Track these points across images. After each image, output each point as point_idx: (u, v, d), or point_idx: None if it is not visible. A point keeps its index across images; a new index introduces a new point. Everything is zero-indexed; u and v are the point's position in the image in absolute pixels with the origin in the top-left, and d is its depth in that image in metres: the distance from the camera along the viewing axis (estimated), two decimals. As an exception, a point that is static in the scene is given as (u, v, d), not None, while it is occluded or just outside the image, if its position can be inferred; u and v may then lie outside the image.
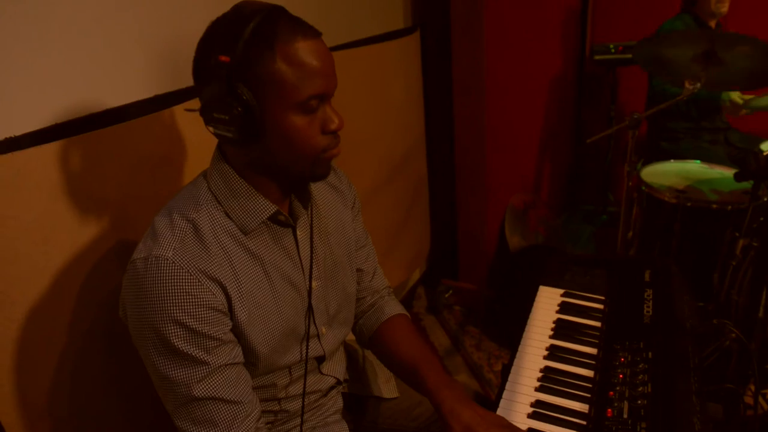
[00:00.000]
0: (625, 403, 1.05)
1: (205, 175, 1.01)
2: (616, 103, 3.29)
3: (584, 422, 1.06)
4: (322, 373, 1.16)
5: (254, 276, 0.98)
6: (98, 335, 1.20)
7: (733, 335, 1.67)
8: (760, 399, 1.78)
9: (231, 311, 0.94)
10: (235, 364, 0.96)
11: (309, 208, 1.08)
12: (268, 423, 1.11)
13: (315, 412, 1.16)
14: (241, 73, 0.86)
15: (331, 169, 1.00)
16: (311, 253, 1.07)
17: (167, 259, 0.88)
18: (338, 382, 1.20)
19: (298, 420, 1.14)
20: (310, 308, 1.07)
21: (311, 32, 0.90)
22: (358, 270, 1.24)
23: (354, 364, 1.31)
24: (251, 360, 1.00)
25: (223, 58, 0.85)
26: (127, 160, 1.21)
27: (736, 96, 2.31)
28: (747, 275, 1.96)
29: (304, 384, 1.09)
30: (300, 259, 1.06)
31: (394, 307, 1.27)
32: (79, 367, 1.17)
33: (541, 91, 3.01)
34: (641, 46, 2.00)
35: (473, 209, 2.71)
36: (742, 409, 1.69)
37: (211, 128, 0.91)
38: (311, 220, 1.08)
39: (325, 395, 1.18)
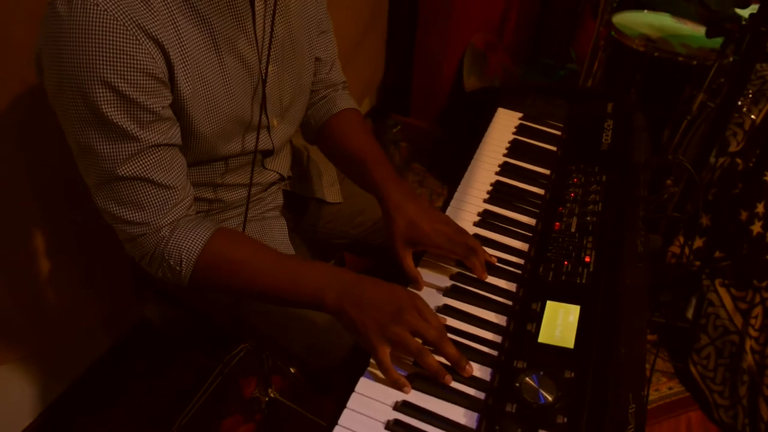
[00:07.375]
0: (575, 218, 1.04)
1: None
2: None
3: (530, 234, 1.05)
4: (264, 168, 1.08)
5: (201, 44, 0.84)
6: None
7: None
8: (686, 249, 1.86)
9: (172, 82, 0.81)
10: (170, 145, 0.85)
11: None
12: (200, 212, 1.03)
13: (253, 205, 1.09)
14: None
15: None
16: (272, 29, 0.90)
17: (98, 5, 0.72)
18: (281, 179, 1.13)
19: (234, 212, 1.07)
20: (263, 94, 0.95)
21: None
22: (317, 59, 1.10)
23: (298, 165, 1.22)
24: (190, 143, 0.89)
25: None
26: None
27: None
28: (697, 134, 1.97)
29: (251, 175, 1.00)
30: (255, 35, 0.92)
31: (347, 101, 1.17)
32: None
33: None
34: None
35: (433, 43, 2.56)
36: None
37: None
38: None
39: (265, 190, 1.11)
